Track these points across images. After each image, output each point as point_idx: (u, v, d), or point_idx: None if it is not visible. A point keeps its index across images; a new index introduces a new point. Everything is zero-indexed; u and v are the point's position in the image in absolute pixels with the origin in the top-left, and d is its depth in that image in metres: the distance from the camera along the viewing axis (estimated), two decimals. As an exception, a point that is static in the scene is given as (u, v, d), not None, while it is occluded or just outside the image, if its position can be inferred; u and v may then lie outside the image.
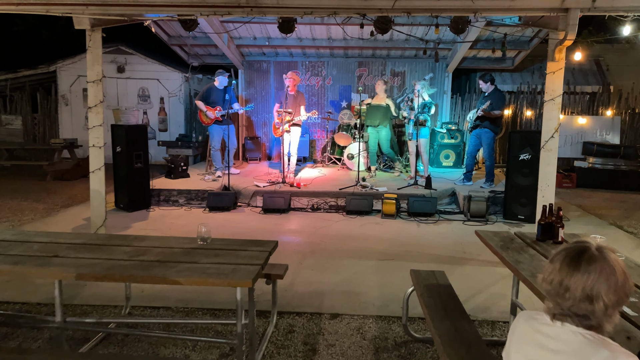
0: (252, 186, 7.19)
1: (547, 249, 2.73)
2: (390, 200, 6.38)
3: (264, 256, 2.59)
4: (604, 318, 1.30)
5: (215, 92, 7.97)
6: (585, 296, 1.29)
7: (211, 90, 7.99)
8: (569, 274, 1.33)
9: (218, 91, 7.97)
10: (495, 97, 6.95)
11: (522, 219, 6.25)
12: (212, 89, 8.00)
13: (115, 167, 6.75)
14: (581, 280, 1.30)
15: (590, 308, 1.29)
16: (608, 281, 1.28)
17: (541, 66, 10.61)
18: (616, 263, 1.32)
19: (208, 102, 7.93)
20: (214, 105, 7.89)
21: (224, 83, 8.01)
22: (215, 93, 7.97)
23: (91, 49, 4.57)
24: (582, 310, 1.30)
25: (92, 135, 4.67)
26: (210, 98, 7.93)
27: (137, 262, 2.47)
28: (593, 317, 1.30)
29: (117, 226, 5.84)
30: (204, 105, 7.90)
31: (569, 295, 1.31)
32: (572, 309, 1.31)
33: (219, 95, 7.90)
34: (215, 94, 7.95)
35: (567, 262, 1.35)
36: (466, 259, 4.78)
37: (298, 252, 4.91)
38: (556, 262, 1.38)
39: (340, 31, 8.88)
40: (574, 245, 1.39)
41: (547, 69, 4.33)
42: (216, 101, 7.89)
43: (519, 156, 6.24)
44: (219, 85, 8.01)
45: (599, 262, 1.31)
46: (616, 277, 1.29)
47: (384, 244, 5.26)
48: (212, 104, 7.90)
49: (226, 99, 7.89)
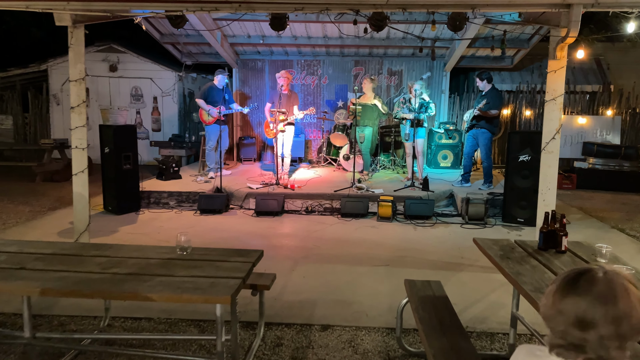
0: (245, 188, 7.01)
1: (550, 259, 2.55)
2: (387, 203, 6.20)
3: (246, 268, 2.41)
4: (602, 351, 1.11)
5: (215, 92, 7.84)
6: (577, 321, 1.12)
7: (212, 90, 7.84)
8: (563, 294, 1.16)
9: (218, 90, 7.83)
10: (492, 96, 6.77)
11: (522, 221, 6.08)
12: (213, 88, 7.85)
13: (104, 169, 6.56)
14: (574, 302, 1.13)
15: (582, 336, 1.11)
16: (606, 307, 1.10)
17: (541, 65, 10.45)
18: (624, 291, 1.13)
19: (208, 101, 7.78)
20: (214, 104, 7.74)
21: (223, 82, 7.84)
22: (215, 92, 7.83)
23: (73, 47, 4.39)
24: (576, 339, 1.12)
25: (74, 136, 4.48)
26: (210, 97, 7.79)
27: (108, 276, 2.29)
28: (589, 350, 1.12)
29: (103, 230, 5.66)
30: (205, 103, 7.74)
31: (561, 319, 1.14)
32: (566, 336, 1.14)
33: (219, 94, 7.76)
34: (215, 93, 7.82)
35: (565, 282, 1.19)
36: (464, 265, 4.60)
37: (290, 258, 4.73)
38: (555, 282, 1.22)
39: (336, 29, 8.70)
40: (578, 267, 1.22)
41: (549, 67, 4.15)
42: (217, 100, 7.74)
43: (519, 157, 6.07)
44: (219, 85, 7.85)
45: (600, 285, 1.13)
46: (620, 305, 1.11)
47: (379, 248, 5.08)
48: (212, 104, 7.74)
49: (226, 99, 7.74)
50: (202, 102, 7.78)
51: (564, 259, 2.59)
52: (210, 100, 7.76)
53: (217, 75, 7.81)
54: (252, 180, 7.60)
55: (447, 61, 9.45)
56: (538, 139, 5.95)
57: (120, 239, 5.34)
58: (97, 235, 5.40)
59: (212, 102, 7.74)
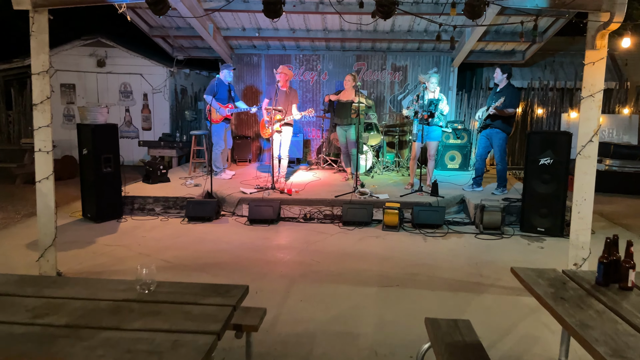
0: (237, 192, 6.43)
1: (617, 301, 1.98)
2: (393, 210, 5.62)
3: (224, 316, 1.83)
4: None
5: (223, 87, 7.29)
6: None
7: (220, 85, 7.28)
8: None
9: (225, 86, 7.30)
10: (510, 94, 6.19)
11: (542, 231, 5.51)
12: (221, 84, 7.29)
13: (82, 172, 5.98)
14: None
15: None
16: None
17: (554, 60, 9.87)
18: None
19: (217, 98, 7.25)
20: (222, 102, 7.23)
21: (229, 77, 7.29)
22: (223, 88, 7.29)
23: (35, 35, 3.80)
24: None
25: (37, 137, 3.91)
26: (219, 94, 7.24)
27: (37, 329, 1.71)
28: None
29: (79, 241, 5.08)
30: (215, 101, 7.17)
31: None
32: None
33: (225, 90, 7.23)
34: (223, 90, 7.28)
35: None
36: (484, 285, 4.03)
37: (285, 277, 4.15)
38: None
39: (336, 21, 8.12)
40: None
41: (586, 59, 3.58)
42: (224, 97, 7.23)
43: (539, 160, 5.49)
44: (225, 80, 7.29)
45: None
46: None
47: (386, 264, 4.50)
48: (220, 101, 7.25)
49: (232, 96, 7.16)
50: (213, 99, 7.15)
51: (635, 299, 2.01)
52: (219, 97, 7.23)
53: (223, 70, 7.28)
54: (245, 184, 7.02)
55: (455, 56, 8.87)
56: (561, 140, 5.42)
57: (96, 251, 4.75)
58: (70, 248, 4.83)
59: (220, 99, 7.25)
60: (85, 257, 4.58)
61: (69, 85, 10.48)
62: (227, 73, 7.30)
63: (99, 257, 4.58)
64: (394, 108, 9.41)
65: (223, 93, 7.25)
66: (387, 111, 9.40)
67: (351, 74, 7.23)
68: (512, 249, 5.04)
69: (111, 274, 4.16)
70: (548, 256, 4.84)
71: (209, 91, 7.21)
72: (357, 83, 6.87)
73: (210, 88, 7.23)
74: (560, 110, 9.51)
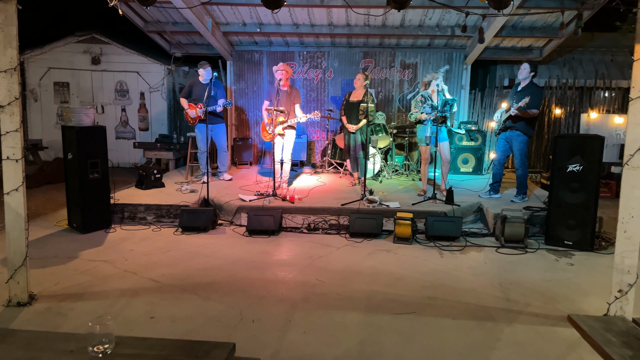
0: (236, 200, 5.95)
1: None
2: (405, 221, 5.13)
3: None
4: None
5: (198, 87, 6.96)
6: None
7: (194, 85, 6.97)
8: None
9: (202, 86, 6.90)
10: (533, 93, 5.67)
11: (570, 245, 5.01)
12: (196, 84, 7.02)
13: (67, 179, 5.52)
14: None
15: None
16: None
17: (573, 57, 9.33)
18: None
19: (191, 98, 6.91)
20: (197, 102, 6.86)
21: (208, 76, 6.86)
22: (198, 88, 6.95)
23: (2, 27, 3.33)
24: None
25: (4, 144, 3.44)
26: (193, 94, 6.93)
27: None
28: None
29: (60, 255, 4.61)
30: (186, 102, 6.95)
31: None
32: None
33: (203, 90, 6.76)
34: (198, 89, 6.94)
35: None
36: (512, 312, 3.53)
37: (286, 300, 3.67)
38: None
39: (343, 15, 7.63)
40: None
41: (635, 54, 3.09)
42: (199, 97, 6.81)
43: (567, 167, 4.98)
44: (203, 79, 6.89)
45: None
46: None
47: (400, 285, 4.02)
48: (195, 101, 6.95)
49: (211, 95, 6.71)
50: (184, 101, 7.00)
51: None
52: (194, 97, 6.96)
53: (200, 68, 6.88)
54: (245, 189, 6.55)
55: (469, 52, 8.35)
56: (591, 145, 4.90)
57: (77, 268, 4.29)
58: (49, 263, 4.37)
59: (196, 100, 6.95)
60: (63, 276, 4.11)
61: (63, 83, 10.04)
62: (203, 72, 6.89)
63: (79, 276, 4.11)
64: (403, 108, 8.90)
65: (199, 93, 6.87)
66: (396, 111, 8.90)
67: (363, 72, 6.70)
68: (539, 266, 4.54)
69: (90, 297, 3.69)
70: (580, 275, 4.33)
71: (182, 94, 7.05)
72: (367, 82, 6.36)
73: (184, 90, 7.05)
74: (579, 111, 8.98)
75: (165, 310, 3.46)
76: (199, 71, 6.98)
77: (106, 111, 10.16)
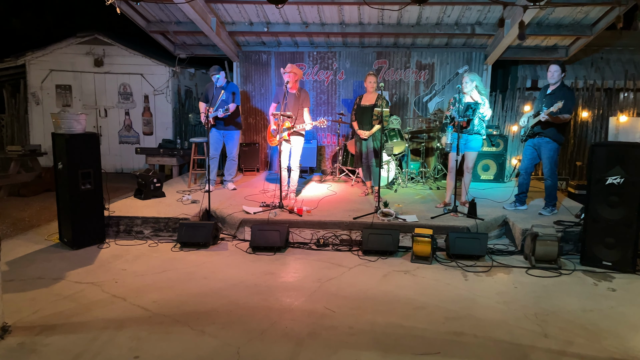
0: (239, 212, 5.52)
1: None
2: (424, 238, 4.65)
3: None
4: None
5: (211, 92, 6.60)
6: None
7: (209, 89, 6.66)
8: None
9: (216, 90, 6.56)
10: (566, 96, 5.16)
11: (609, 265, 4.48)
12: (210, 88, 6.65)
13: (57, 190, 5.13)
14: None
15: None
16: None
17: (601, 57, 8.76)
18: None
19: (208, 102, 6.53)
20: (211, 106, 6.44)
21: (218, 82, 6.49)
22: (211, 92, 6.59)
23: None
24: None
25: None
26: (208, 98, 6.57)
27: None
28: None
29: (44, 277, 4.21)
30: (204, 106, 6.57)
31: None
32: None
33: (217, 94, 6.50)
34: (211, 94, 6.57)
35: None
36: (553, 352, 3.03)
37: (290, 336, 3.21)
38: None
39: (355, 13, 7.17)
40: None
41: None
42: (214, 101, 6.43)
43: (606, 179, 4.46)
44: (216, 83, 6.50)
45: None
46: None
47: (421, 315, 3.54)
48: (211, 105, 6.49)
49: (222, 99, 6.33)
50: (201, 104, 6.75)
51: None
52: (209, 101, 6.55)
53: (210, 72, 6.52)
54: (250, 200, 6.12)
55: (490, 52, 7.84)
56: (634, 155, 4.37)
57: (60, 292, 3.88)
58: (31, 286, 3.97)
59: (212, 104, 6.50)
60: (45, 301, 3.70)
61: (65, 86, 9.71)
62: (216, 76, 6.50)
63: (61, 302, 3.70)
64: (419, 111, 8.41)
65: (212, 97, 6.53)
66: (412, 115, 8.41)
67: (372, 73, 6.20)
68: (577, 292, 4.02)
69: (70, 329, 3.27)
70: (624, 303, 3.81)
71: (202, 96, 6.78)
72: (382, 84, 5.86)
73: (203, 94, 6.75)
74: (607, 114, 8.40)
75: (153, 348, 3.03)
76: (211, 74, 6.60)
77: (109, 115, 9.81)
